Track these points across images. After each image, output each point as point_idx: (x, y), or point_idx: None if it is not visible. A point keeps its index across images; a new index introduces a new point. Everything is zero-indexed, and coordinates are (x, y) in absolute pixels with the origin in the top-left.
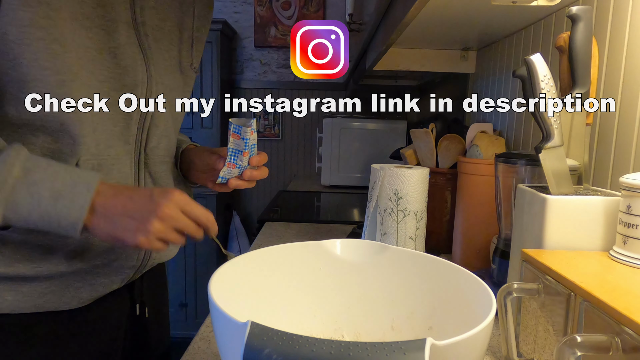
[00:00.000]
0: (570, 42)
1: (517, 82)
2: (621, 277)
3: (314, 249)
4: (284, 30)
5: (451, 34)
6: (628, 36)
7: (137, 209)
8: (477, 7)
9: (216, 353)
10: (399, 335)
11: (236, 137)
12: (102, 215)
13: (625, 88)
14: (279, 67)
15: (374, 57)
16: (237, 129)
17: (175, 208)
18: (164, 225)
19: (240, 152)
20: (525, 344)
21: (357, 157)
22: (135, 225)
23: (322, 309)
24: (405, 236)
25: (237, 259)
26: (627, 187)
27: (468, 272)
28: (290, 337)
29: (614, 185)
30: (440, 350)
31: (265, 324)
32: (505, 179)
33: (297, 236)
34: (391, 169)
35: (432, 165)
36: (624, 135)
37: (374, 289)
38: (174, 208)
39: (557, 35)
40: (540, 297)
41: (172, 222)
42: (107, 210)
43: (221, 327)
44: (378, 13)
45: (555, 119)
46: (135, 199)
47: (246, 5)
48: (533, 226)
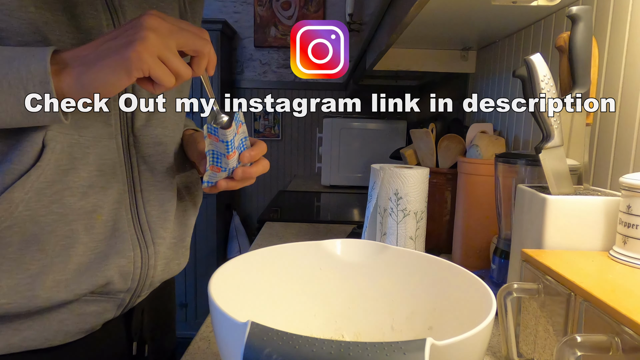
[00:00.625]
0: (570, 42)
1: (517, 82)
2: (621, 277)
3: (314, 249)
4: (284, 30)
5: (451, 34)
6: (628, 36)
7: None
8: (477, 7)
9: (216, 353)
10: (399, 335)
11: (213, 139)
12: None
13: (625, 88)
14: (279, 67)
15: (374, 57)
16: (212, 130)
17: (162, 20)
18: (158, 36)
19: (222, 155)
20: (525, 344)
21: (357, 157)
22: (120, 43)
23: (322, 309)
24: (405, 236)
25: (237, 259)
26: (627, 187)
27: (468, 272)
28: (290, 337)
29: (614, 185)
30: (440, 350)
31: (265, 324)
32: (505, 179)
33: (297, 236)
34: (391, 169)
35: (432, 165)
36: (624, 135)
37: (374, 289)
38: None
39: (557, 35)
40: (540, 297)
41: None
42: (80, 52)
43: (221, 327)
44: (378, 13)
45: (555, 119)
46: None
47: (246, 5)
48: (533, 226)
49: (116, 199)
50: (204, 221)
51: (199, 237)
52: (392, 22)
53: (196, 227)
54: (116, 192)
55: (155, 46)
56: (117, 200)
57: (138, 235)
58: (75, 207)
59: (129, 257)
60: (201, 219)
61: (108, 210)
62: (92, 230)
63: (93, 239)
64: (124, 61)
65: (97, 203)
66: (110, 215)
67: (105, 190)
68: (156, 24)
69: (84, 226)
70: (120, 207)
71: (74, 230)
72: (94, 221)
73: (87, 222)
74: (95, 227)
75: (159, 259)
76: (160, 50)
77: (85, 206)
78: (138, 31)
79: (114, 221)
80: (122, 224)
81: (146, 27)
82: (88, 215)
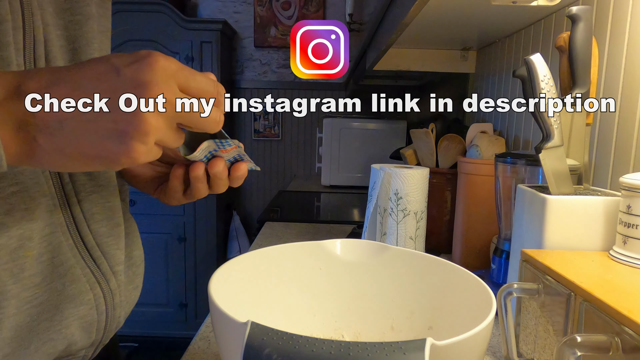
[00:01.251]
0: (570, 42)
1: (517, 82)
2: (621, 277)
3: (313, 249)
4: (284, 30)
5: (451, 34)
6: (628, 36)
7: (106, 93)
8: (477, 7)
9: (216, 353)
10: (399, 335)
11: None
12: (46, 129)
13: (625, 88)
14: (279, 67)
15: (374, 57)
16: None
17: (169, 80)
18: (162, 118)
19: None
20: (525, 344)
21: (357, 157)
22: (115, 129)
23: (322, 309)
24: (405, 236)
25: (237, 259)
26: (627, 187)
27: (468, 272)
28: (290, 337)
29: (614, 185)
30: (440, 350)
31: (265, 324)
32: (505, 179)
33: (297, 236)
34: (391, 169)
35: (432, 165)
36: (624, 135)
37: (374, 289)
38: (167, 80)
39: (557, 35)
40: (540, 297)
41: (171, 107)
42: (51, 117)
43: (221, 327)
44: (378, 13)
45: (555, 119)
46: (92, 77)
47: (246, 5)
48: (533, 226)
49: (46, 220)
50: (204, 221)
51: (199, 237)
52: (392, 22)
53: (196, 227)
54: (44, 211)
55: (159, 130)
56: (48, 223)
57: (90, 266)
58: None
59: (89, 302)
60: (201, 219)
61: (39, 241)
62: (21, 274)
63: (26, 286)
64: (125, 154)
65: (23, 234)
66: (43, 246)
67: (30, 212)
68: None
69: (8, 273)
70: (55, 230)
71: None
72: (23, 261)
73: (12, 266)
74: (25, 269)
75: (124, 292)
76: (164, 132)
77: (8, 243)
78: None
79: (52, 253)
80: (64, 255)
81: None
82: (11, 255)
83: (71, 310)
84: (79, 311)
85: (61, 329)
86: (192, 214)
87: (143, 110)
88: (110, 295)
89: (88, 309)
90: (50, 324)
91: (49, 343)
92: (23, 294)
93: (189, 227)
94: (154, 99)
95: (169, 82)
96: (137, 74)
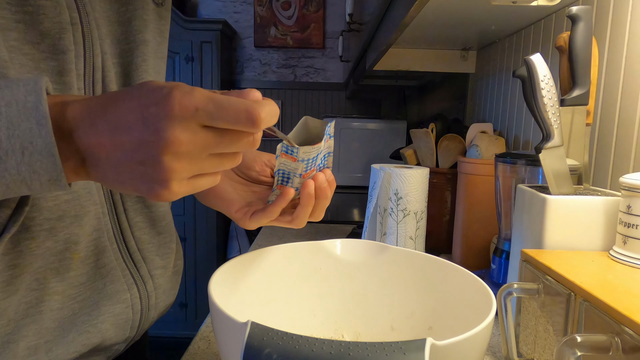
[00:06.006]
0: (570, 42)
1: (517, 82)
2: (621, 277)
3: (313, 248)
4: (284, 30)
5: (451, 34)
6: (628, 36)
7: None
8: (477, 7)
9: (216, 353)
10: (399, 335)
11: (288, 159)
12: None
13: (625, 88)
14: (278, 67)
15: (374, 57)
16: (289, 150)
17: (190, 122)
18: (185, 159)
19: (297, 175)
20: (525, 344)
21: (357, 157)
22: (144, 172)
23: (322, 309)
24: (405, 236)
25: (237, 259)
26: (627, 187)
27: (468, 272)
28: (290, 337)
29: (614, 185)
30: (440, 350)
31: (265, 324)
32: (505, 179)
33: (297, 236)
34: (391, 169)
35: (432, 165)
36: (624, 135)
37: (374, 289)
38: (187, 123)
39: (557, 35)
40: (540, 297)
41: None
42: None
43: (221, 327)
44: (378, 13)
45: (555, 119)
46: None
47: (246, 5)
48: (533, 226)
49: (94, 226)
50: (204, 221)
51: (199, 237)
52: (392, 22)
53: (196, 227)
54: (93, 218)
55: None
56: (96, 229)
57: (131, 269)
58: (39, 252)
59: (125, 301)
60: (201, 219)
61: (86, 244)
62: (67, 274)
63: (72, 284)
64: (145, 194)
65: (69, 239)
66: (90, 250)
67: (79, 219)
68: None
69: (54, 272)
70: (101, 235)
71: (40, 280)
72: (69, 262)
73: (58, 266)
74: (71, 269)
75: (160, 294)
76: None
77: (54, 246)
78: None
79: (97, 256)
80: (108, 258)
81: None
82: (57, 256)
83: (108, 307)
84: (115, 309)
85: (97, 324)
86: (192, 214)
87: (161, 158)
88: (147, 296)
89: (124, 308)
90: (87, 318)
91: (85, 335)
92: (68, 291)
93: (189, 227)
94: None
95: (189, 124)
96: (156, 120)
